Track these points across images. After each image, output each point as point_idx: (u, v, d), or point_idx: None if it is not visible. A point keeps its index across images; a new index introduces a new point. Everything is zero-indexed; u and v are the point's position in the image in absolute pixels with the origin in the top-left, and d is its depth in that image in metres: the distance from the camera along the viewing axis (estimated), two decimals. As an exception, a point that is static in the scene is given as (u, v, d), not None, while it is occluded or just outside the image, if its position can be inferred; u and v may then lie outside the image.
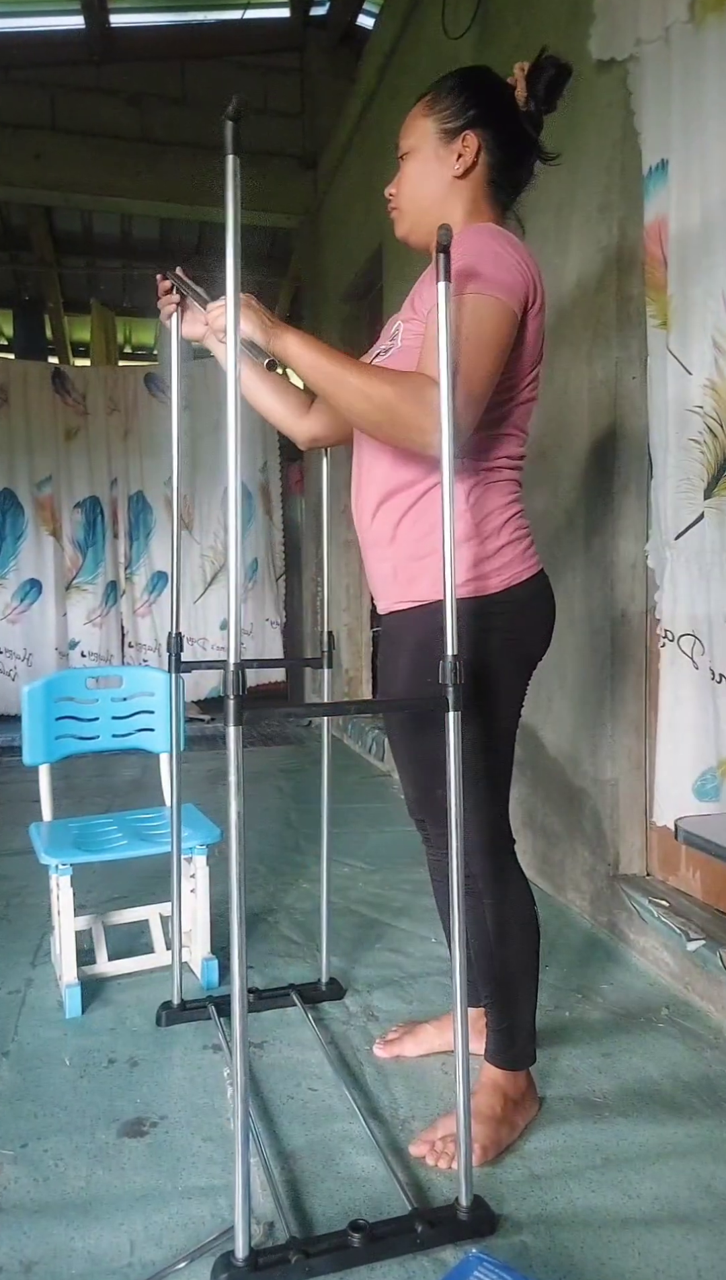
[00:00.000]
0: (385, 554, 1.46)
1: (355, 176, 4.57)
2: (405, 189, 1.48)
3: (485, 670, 1.40)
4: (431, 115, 1.44)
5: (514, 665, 1.45)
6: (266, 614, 6.17)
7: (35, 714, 2.14)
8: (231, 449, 1.17)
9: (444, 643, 1.26)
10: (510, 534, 1.42)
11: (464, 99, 1.42)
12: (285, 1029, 1.86)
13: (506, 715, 1.46)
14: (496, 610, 1.40)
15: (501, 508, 1.42)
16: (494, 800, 1.47)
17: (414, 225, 1.48)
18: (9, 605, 5.85)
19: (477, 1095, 1.48)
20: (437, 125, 1.43)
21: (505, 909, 1.47)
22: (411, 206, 1.48)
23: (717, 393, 1.87)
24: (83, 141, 4.90)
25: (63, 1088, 1.66)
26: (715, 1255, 1.24)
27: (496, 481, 1.42)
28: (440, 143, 1.43)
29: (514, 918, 1.48)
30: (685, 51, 1.88)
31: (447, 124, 1.42)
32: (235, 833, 1.17)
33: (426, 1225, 1.26)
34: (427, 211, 1.44)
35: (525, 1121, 1.51)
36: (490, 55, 2.89)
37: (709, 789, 1.96)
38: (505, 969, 1.48)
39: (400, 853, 2.99)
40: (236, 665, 1.16)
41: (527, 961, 1.50)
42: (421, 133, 1.45)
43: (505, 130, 1.43)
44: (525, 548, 1.45)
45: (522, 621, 1.44)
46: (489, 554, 1.40)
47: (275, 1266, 1.19)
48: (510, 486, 1.44)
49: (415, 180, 1.47)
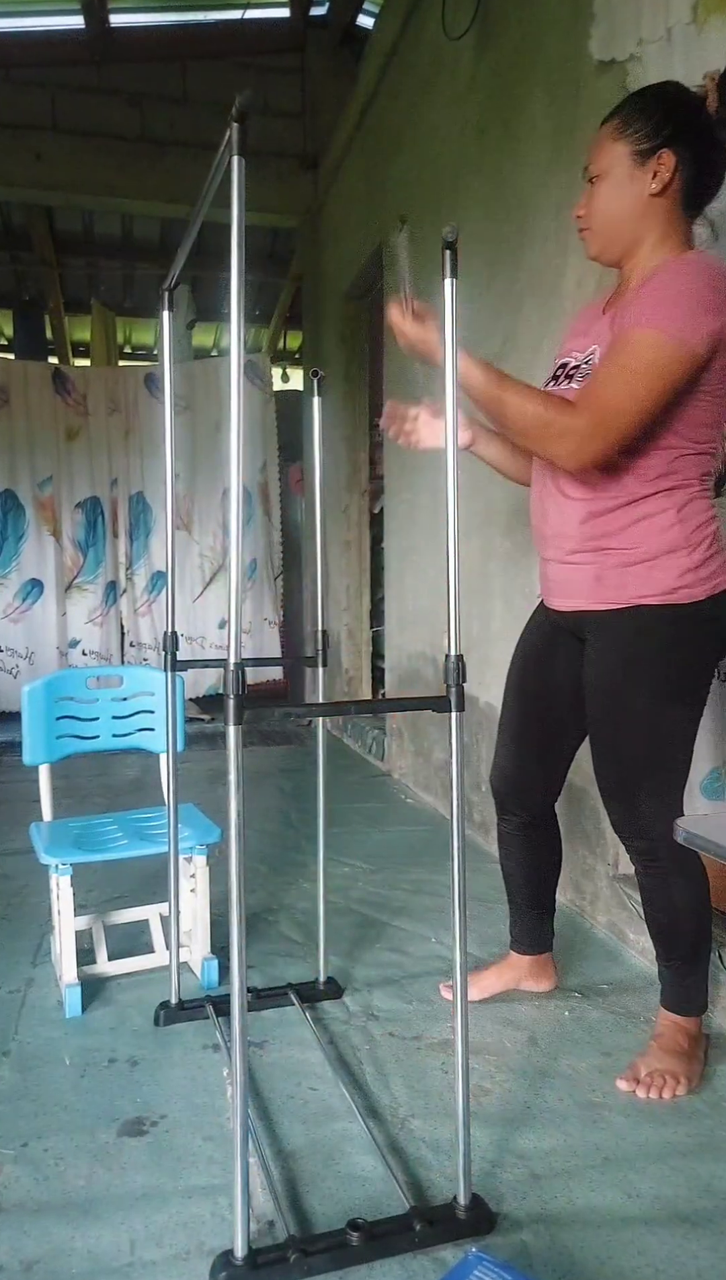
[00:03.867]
0: (586, 558, 1.58)
1: (356, 176, 4.58)
2: (598, 211, 1.52)
3: (691, 669, 1.54)
4: (623, 138, 1.48)
5: (707, 670, 1.58)
6: (265, 613, 6.17)
7: (35, 714, 2.14)
8: (234, 450, 1.17)
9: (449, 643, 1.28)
10: (713, 546, 1.53)
11: (658, 118, 1.46)
12: (285, 1028, 1.86)
13: (698, 712, 1.59)
14: (701, 616, 1.52)
15: (706, 520, 1.53)
16: (679, 788, 1.59)
17: (607, 245, 1.55)
18: (10, 604, 5.86)
19: (664, 1037, 1.67)
20: (631, 147, 1.47)
21: (693, 887, 1.61)
22: (605, 227, 1.53)
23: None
24: (83, 141, 4.90)
25: (63, 1087, 1.66)
26: (715, 1255, 1.24)
27: (700, 494, 1.53)
28: (634, 164, 1.47)
29: (701, 889, 1.62)
30: (687, 52, 1.88)
31: (641, 145, 1.46)
32: (235, 831, 1.17)
33: (425, 1224, 1.26)
34: (622, 232, 1.51)
35: (704, 1053, 1.69)
36: (490, 55, 2.89)
37: (715, 787, 1.97)
38: (693, 936, 1.63)
39: (400, 852, 2.99)
40: (236, 664, 1.16)
41: (708, 928, 1.65)
42: (613, 156, 1.49)
43: (699, 144, 1.47)
44: (722, 561, 1.55)
45: (718, 630, 1.55)
46: (697, 564, 1.51)
47: (274, 1265, 1.19)
48: (707, 503, 1.54)
49: (608, 202, 1.51)
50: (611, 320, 1.52)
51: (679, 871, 1.59)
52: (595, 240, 1.56)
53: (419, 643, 3.83)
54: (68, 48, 4.73)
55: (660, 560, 1.50)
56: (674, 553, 1.49)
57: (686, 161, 1.46)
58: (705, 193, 1.52)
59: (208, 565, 6.09)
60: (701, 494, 1.52)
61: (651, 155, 1.45)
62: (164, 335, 1.83)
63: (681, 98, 1.49)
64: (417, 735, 3.84)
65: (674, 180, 1.46)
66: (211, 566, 6.10)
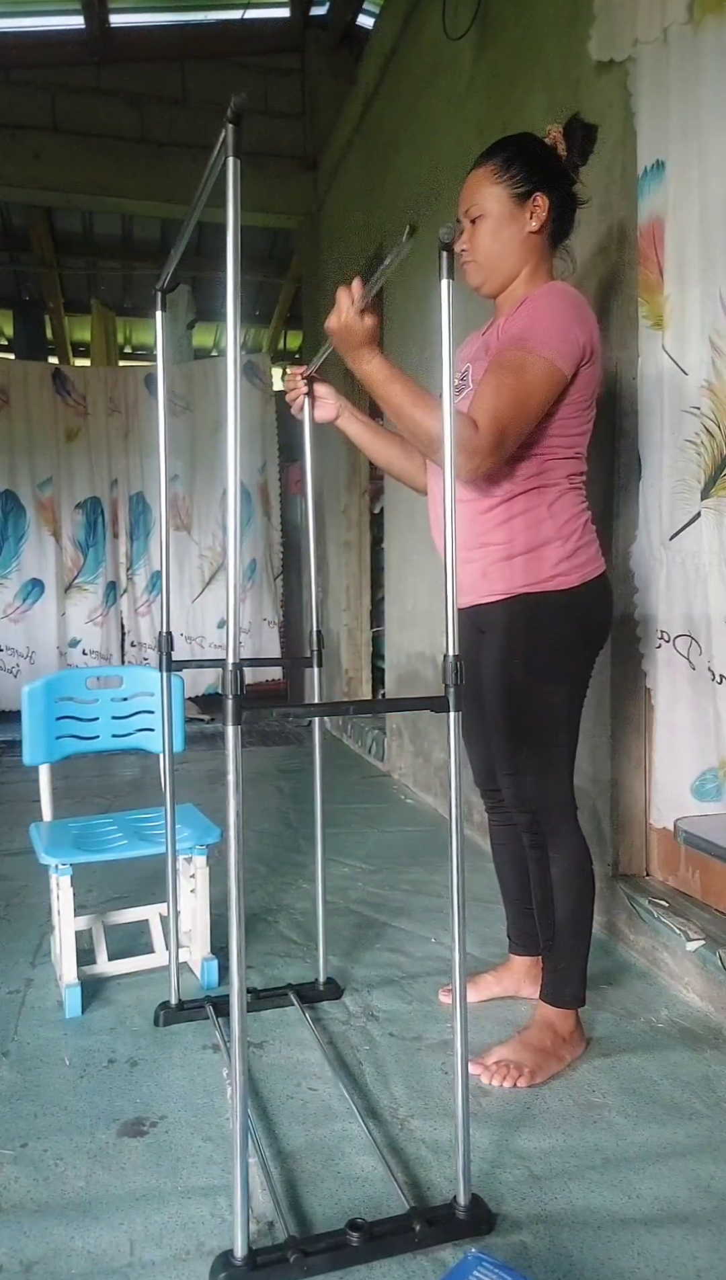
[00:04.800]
0: (473, 556, 1.68)
1: (356, 177, 4.58)
2: (482, 248, 1.68)
3: (566, 651, 1.66)
4: (501, 182, 1.64)
5: (586, 649, 1.70)
6: (264, 613, 6.18)
7: (35, 714, 2.14)
8: (231, 450, 1.17)
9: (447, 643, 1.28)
10: (585, 537, 1.67)
11: (529, 165, 1.64)
12: (284, 1029, 1.86)
13: (578, 693, 1.70)
14: (575, 601, 1.65)
15: (576, 514, 1.67)
16: (566, 766, 1.70)
17: (488, 277, 1.70)
18: (11, 604, 5.87)
19: (529, 1030, 1.73)
20: (509, 190, 1.64)
21: (569, 863, 1.69)
22: (488, 262, 1.68)
23: (715, 394, 1.87)
24: (83, 142, 4.90)
25: (63, 1088, 1.66)
26: (715, 1255, 1.24)
27: (569, 492, 1.66)
28: (514, 205, 1.64)
29: (576, 871, 1.69)
30: (683, 52, 1.89)
31: (519, 188, 1.63)
32: (234, 831, 1.17)
33: (424, 1224, 1.26)
34: (500, 266, 1.68)
35: (572, 1058, 1.71)
36: (490, 56, 2.89)
37: (708, 789, 1.96)
38: (565, 916, 1.69)
39: (400, 852, 2.99)
40: (235, 665, 1.16)
41: (584, 911, 1.71)
42: (493, 197, 1.65)
43: (560, 187, 1.67)
44: (595, 551, 1.69)
45: (596, 611, 1.70)
46: (569, 554, 1.64)
47: (273, 1266, 1.19)
48: (579, 498, 1.69)
49: (490, 240, 1.67)
50: (486, 344, 1.68)
51: (557, 847, 1.69)
52: (478, 273, 1.70)
53: (418, 643, 3.83)
54: (67, 48, 4.74)
55: (536, 552, 1.63)
56: (548, 544, 1.63)
57: (554, 203, 1.65)
58: (565, 230, 1.72)
59: (207, 565, 6.10)
60: (570, 491, 1.66)
61: (528, 198, 1.63)
62: (158, 336, 1.83)
63: (543, 147, 1.67)
64: (417, 735, 3.84)
65: (547, 219, 1.65)
66: (211, 567, 6.10)
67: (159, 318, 1.84)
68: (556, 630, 1.65)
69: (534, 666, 1.66)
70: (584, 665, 1.70)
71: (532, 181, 1.63)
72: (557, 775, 1.69)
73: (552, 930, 1.70)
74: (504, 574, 1.65)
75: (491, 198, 1.65)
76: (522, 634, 1.66)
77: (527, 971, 1.95)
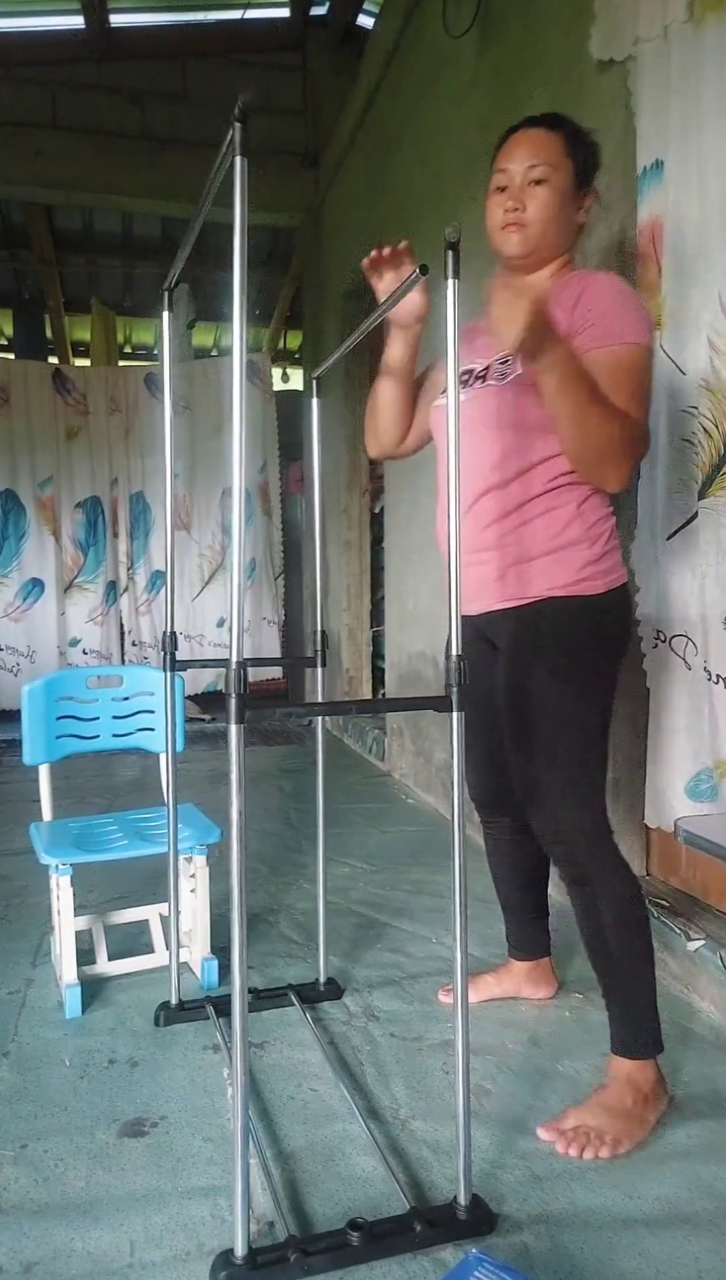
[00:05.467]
0: (484, 558, 1.57)
1: (357, 174, 4.57)
2: (539, 214, 1.52)
3: (595, 660, 1.53)
4: (572, 156, 1.52)
5: (612, 659, 1.56)
6: (264, 613, 6.18)
7: (35, 714, 2.14)
8: (236, 449, 1.17)
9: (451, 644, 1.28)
10: (612, 541, 1.55)
11: (588, 156, 1.55)
12: (285, 1029, 1.86)
13: (606, 708, 1.56)
14: (601, 609, 1.53)
15: (604, 517, 1.55)
16: (597, 787, 1.54)
17: (535, 249, 1.55)
18: (11, 604, 5.87)
19: (607, 1090, 1.52)
20: (575, 172, 1.53)
21: (619, 900, 1.52)
22: (540, 232, 1.53)
23: (713, 394, 1.86)
24: (83, 139, 4.90)
25: (63, 1088, 1.66)
26: (716, 1256, 1.24)
27: (596, 493, 1.54)
28: (575, 187, 1.54)
29: (628, 907, 1.52)
30: (683, 51, 1.88)
31: (580, 174, 1.54)
32: (236, 830, 1.17)
33: (425, 1224, 1.25)
34: (551, 243, 1.54)
35: (656, 1116, 1.51)
36: (492, 54, 2.89)
37: (703, 790, 1.96)
38: (623, 958, 1.52)
39: (401, 853, 2.99)
40: (239, 664, 1.16)
41: (643, 947, 1.53)
42: (565, 170, 1.51)
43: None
44: (619, 558, 1.57)
45: (619, 620, 1.57)
46: (596, 557, 1.52)
47: (274, 1265, 1.19)
48: (606, 500, 1.56)
49: (552, 211, 1.52)
50: None
51: (601, 879, 1.51)
52: (527, 240, 1.53)
53: (419, 643, 3.83)
54: (68, 45, 4.74)
55: (562, 553, 1.51)
56: (575, 546, 1.51)
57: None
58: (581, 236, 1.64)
59: (206, 565, 6.10)
60: (597, 492, 1.53)
61: (584, 186, 1.55)
62: (164, 336, 1.83)
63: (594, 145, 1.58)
64: (418, 736, 3.84)
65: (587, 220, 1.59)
66: (210, 566, 6.10)
67: (165, 318, 1.83)
68: (581, 640, 1.52)
69: (559, 680, 1.51)
70: (610, 679, 1.56)
71: (586, 174, 1.55)
72: (590, 800, 1.53)
73: (609, 973, 1.53)
74: (524, 577, 1.53)
75: (564, 169, 1.51)
76: (545, 643, 1.52)
77: (528, 974, 1.94)
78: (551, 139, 1.51)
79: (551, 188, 1.50)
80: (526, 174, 1.51)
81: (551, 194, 1.51)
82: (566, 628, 1.52)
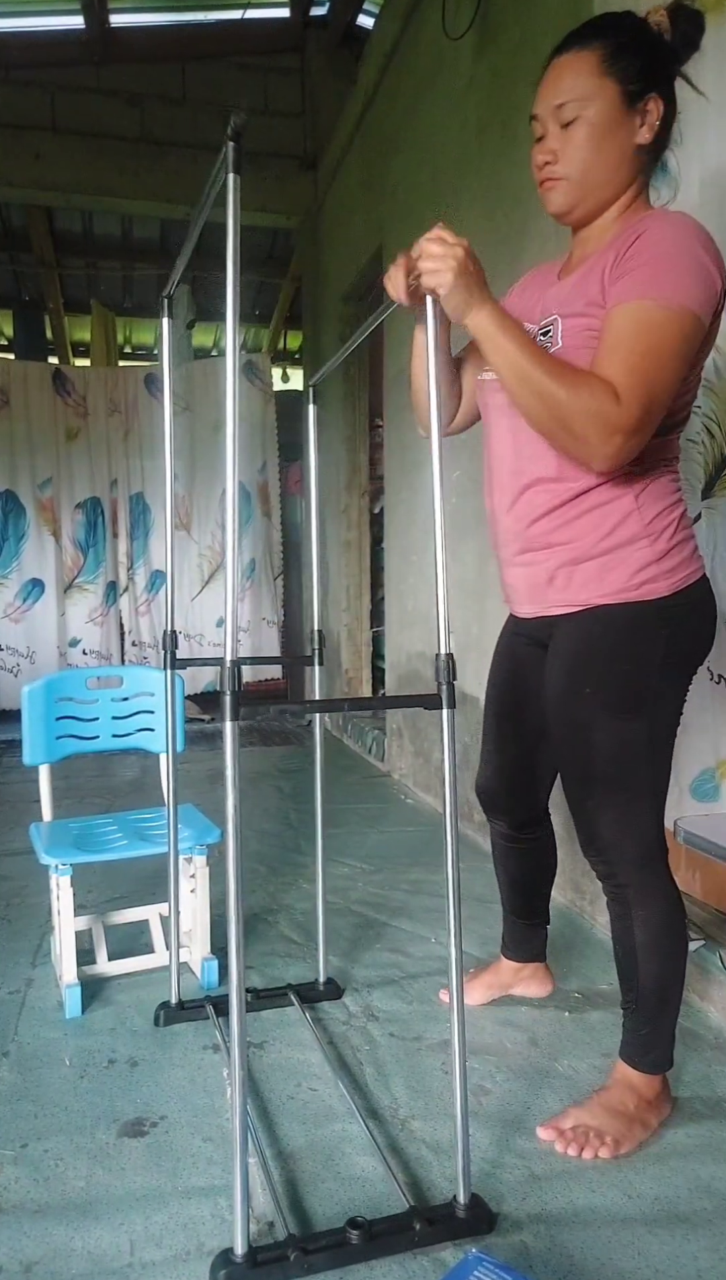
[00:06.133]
0: (537, 557, 1.44)
1: (356, 177, 4.58)
2: (576, 158, 1.30)
3: (651, 677, 1.37)
4: (610, 75, 1.26)
5: (679, 671, 1.41)
6: (263, 613, 6.19)
7: (35, 714, 2.14)
8: (230, 450, 1.17)
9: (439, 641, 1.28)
10: (678, 534, 1.38)
11: (645, 57, 1.28)
12: (284, 1029, 1.86)
13: (667, 727, 1.41)
14: (666, 615, 1.36)
15: (669, 507, 1.37)
16: (653, 810, 1.42)
17: (582, 199, 1.34)
18: (11, 604, 5.88)
19: (609, 1091, 1.51)
20: (621, 86, 1.27)
21: (658, 923, 1.43)
22: (584, 179, 1.31)
23: (715, 393, 1.87)
24: (83, 142, 4.91)
25: (63, 1088, 1.66)
26: (715, 1256, 1.24)
27: (662, 476, 1.37)
28: (624, 106, 1.28)
29: (665, 932, 1.44)
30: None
31: (632, 85, 1.27)
32: (232, 827, 1.17)
33: (424, 1223, 1.26)
34: (602, 186, 1.32)
35: (659, 1121, 1.50)
36: (490, 56, 2.89)
37: (707, 789, 1.96)
38: (652, 982, 1.45)
39: (400, 853, 2.99)
40: (233, 662, 1.16)
41: (675, 975, 1.46)
42: (600, 93, 1.27)
43: (672, 89, 1.32)
44: (692, 549, 1.40)
45: (690, 626, 1.39)
46: (659, 555, 1.35)
47: (274, 1263, 1.19)
48: (674, 484, 1.39)
49: (592, 149, 1.29)
50: (577, 286, 1.34)
51: (641, 902, 1.43)
52: (569, 194, 1.33)
53: (418, 643, 3.83)
54: (67, 48, 4.74)
55: (615, 554, 1.36)
56: (632, 544, 1.35)
57: (665, 109, 1.30)
58: (665, 147, 1.36)
59: (206, 565, 6.11)
60: (664, 475, 1.37)
61: (640, 99, 1.28)
62: (164, 341, 1.83)
63: (658, 35, 1.30)
64: (417, 736, 3.84)
65: (659, 131, 1.31)
66: (210, 566, 6.11)
67: (165, 324, 1.83)
68: (640, 652, 1.36)
69: (609, 700, 1.37)
70: (671, 691, 1.40)
71: (646, 79, 1.27)
72: (639, 820, 1.40)
73: (635, 993, 1.47)
74: (576, 580, 1.39)
75: (599, 94, 1.26)
76: (593, 655, 1.38)
77: (516, 973, 1.92)
78: (582, 61, 1.28)
79: (585, 124, 1.28)
80: (556, 116, 1.30)
81: (586, 133, 1.28)
82: (621, 639, 1.37)
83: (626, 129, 1.30)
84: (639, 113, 1.29)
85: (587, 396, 1.21)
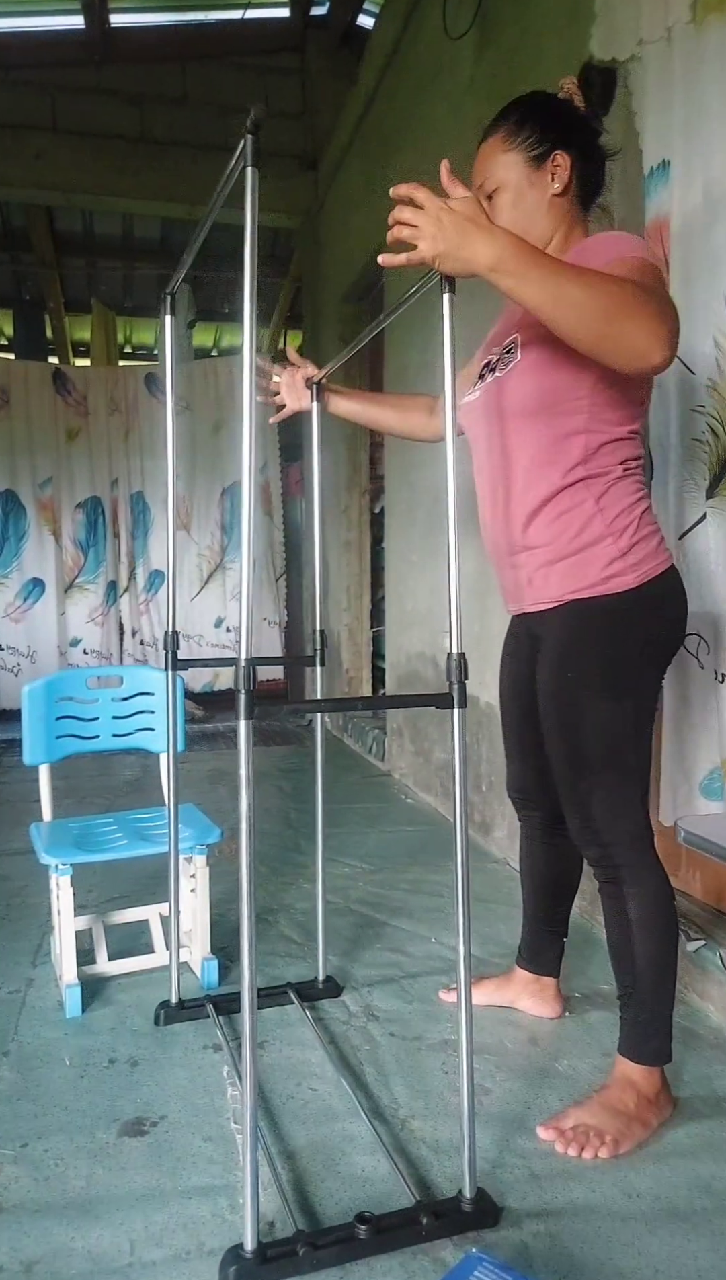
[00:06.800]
0: (518, 560, 1.57)
1: (356, 177, 4.58)
2: (502, 219, 1.50)
3: (631, 662, 1.47)
4: (514, 148, 1.50)
5: (651, 660, 1.51)
6: (264, 613, 6.19)
7: (35, 714, 2.14)
8: (246, 447, 1.18)
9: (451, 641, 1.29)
10: (640, 531, 1.48)
11: (542, 123, 1.49)
12: (285, 1028, 1.86)
13: (647, 710, 1.52)
14: (639, 604, 1.47)
15: (629, 506, 1.48)
16: (637, 791, 1.51)
17: None
18: (12, 604, 5.89)
19: (609, 1090, 1.52)
20: (524, 154, 1.49)
21: (648, 901, 1.50)
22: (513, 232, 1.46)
23: (719, 392, 1.87)
24: (83, 142, 4.91)
25: (63, 1088, 1.66)
26: (715, 1255, 1.24)
27: (622, 479, 1.48)
28: (531, 170, 1.50)
29: (656, 910, 1.50)
30: (687, 52, 1.88)
31: (534, 150, 1.49)
32: (245, 825, 1.18)
33: (431, 1217, 1.26)
34: (526, 233, 1.47)
35: (659, 1121, 1.51)
36: (491, 56, 2.89)
37: (715, 787, 1.97)
38: (646, 962, 1.50)
39: (400, 852, 2.99)
40: (247, 662, 1.17)
41: (668, 954, 1.51)
42: (506, 165, 1.50)
43: (583, 141, 1.52)
44: (656, 544, 1.50)
45: (658, 616, 1.50)
46: (623, 551, 1.46)
47: (283, 1259, 1.19)
48: (635, 485, 1.50)
49: (511, 211, 1.51)
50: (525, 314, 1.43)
51: (635, 883, 1.49)
52: None
53: (419, 643, 3.83)
54: (68, 48, 4.74)
55: (585, 553, 1.47)
56: (599, 543, 1.47)
57: (577, 159, 1.49)
58: (596, 187, 1.56)
59: (205, 564, 6.11)
60: (624, 478, 1.48)
61: (546, 158, 1.49)
62: (166, 339, 1.83)
63: (556, 102, 1.53)
64: (418, 735, 3.84)
65: (571, 178, 1.50)
66: (209, 566, 6.11)
67: (167, 321, 1.84)
68: (613, 640, 1.47)
69: (589, 682, 1.48)
70: (650, 675, 1.52)
71: (549, 140, 1.48)
72: (628, 802, 1.50)
73: (631, 977, 1.51)
74: (550, 579, 1.52)
75: (505, 166, 1.50)
76: (575, 645, 1.50)
77: (526, 987, 1.90)
78: (489, 145, 1.53)
79: (503, 192, 1.51)
80: (482, 194, 1.52)
81: (505, 199, 1.51)
82: (594, 629, 1.48)
83: (538, 186, 1.50)
84: (547, 170, 1.49)
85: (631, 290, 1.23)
